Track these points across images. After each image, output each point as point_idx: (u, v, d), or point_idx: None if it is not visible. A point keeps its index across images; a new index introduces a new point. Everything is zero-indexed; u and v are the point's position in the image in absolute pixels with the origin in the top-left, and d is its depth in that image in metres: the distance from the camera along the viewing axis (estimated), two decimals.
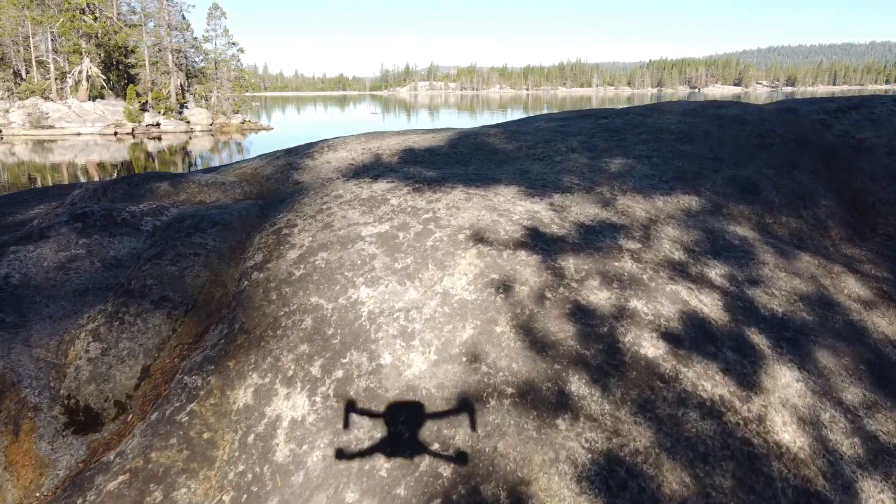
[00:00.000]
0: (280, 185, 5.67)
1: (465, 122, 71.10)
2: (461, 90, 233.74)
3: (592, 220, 4.16)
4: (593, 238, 3.89)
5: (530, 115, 7.35)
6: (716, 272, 3.77)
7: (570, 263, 3.58)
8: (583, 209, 4.32)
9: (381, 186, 4.90)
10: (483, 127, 6.70)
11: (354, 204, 4.63)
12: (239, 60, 54.30)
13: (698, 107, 6.66)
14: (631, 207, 4.45)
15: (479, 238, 3.84)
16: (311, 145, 6.57)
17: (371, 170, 5.41)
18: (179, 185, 6.20)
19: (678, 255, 3.89)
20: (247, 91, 58.30)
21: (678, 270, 3.69)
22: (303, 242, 4.25)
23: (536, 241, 3.81)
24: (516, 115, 79.86)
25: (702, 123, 6.05)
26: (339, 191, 4.97)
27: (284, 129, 63.00)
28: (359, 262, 3.85)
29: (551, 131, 6.24)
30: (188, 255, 4.52)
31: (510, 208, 4.27)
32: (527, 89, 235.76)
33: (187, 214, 5.40)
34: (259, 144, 48.59)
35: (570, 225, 4.05)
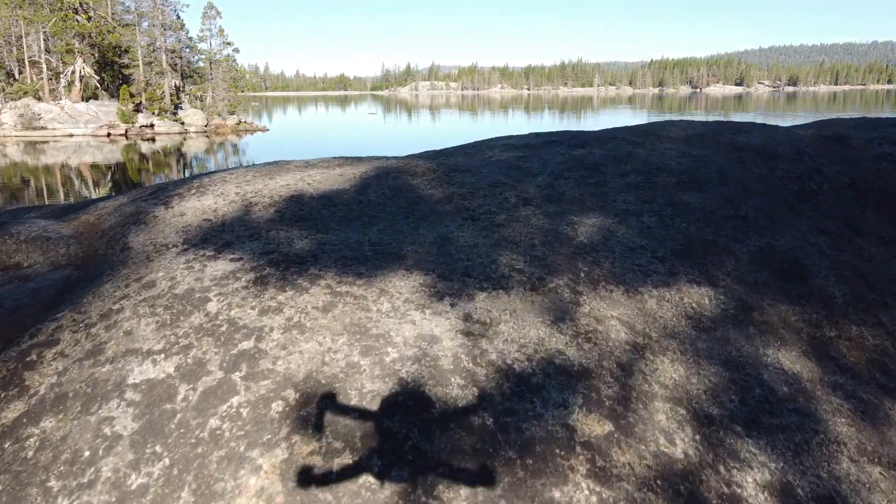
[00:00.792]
0: (109, 249, 3.83)
1: (463, 122, 69.11)
2: (462, 90, 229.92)
3: (529, 359, 2.30)
4: (524, 412, 2.05)
5: (488, 138, 5.52)
6: (756, 477, 1.92)
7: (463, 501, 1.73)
8: (518, 331, 2.47)
9: (216, 268, 3.06)
10: (413, 158, 4.81)
11: (159, 305, 2.79)
12: (234, 60, 52.35)
13: (708, 131, 4.78)
14: (602, 323, 2.59)
15: (304, 416, 2.00)
16: (183, 182, 4.72)
17: (226, 232, 3.57)
18: None
19: (683, 445, 2.03)
20: (243, 91, 56.35)
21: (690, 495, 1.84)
22: (39, 387, 2.44)
23: (412, 423, 1.97)
24: (517, 115, 77.77)
25: (714, 158, 4.18)
26: (160, 273, 3.13)
27: (281, 129, 61.13)
28: (87, 453, 2.03)
29: (504, 167, 4.37)
30: None
31: (392, 329, 2.43)
32: (528, 89, 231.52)
33: None
34: (254, 146, 46.91)
35: (486, 375, 2.20)
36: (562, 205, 3.67)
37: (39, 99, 48.31)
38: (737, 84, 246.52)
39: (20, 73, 50.37)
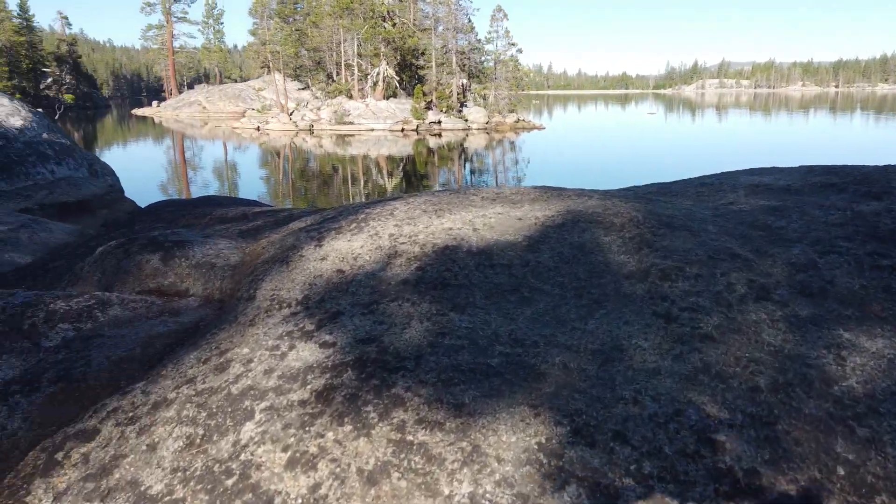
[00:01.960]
0: (244, 293, 3.30)
1: (752, 123, 62.00)
2: (755, 88, 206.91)
3: None
4: None
5: (736, 170, 3.98)
6: None
7: None
8: None
9: (297, 358, 2.27)
10: (620, 199, 3.52)
11: (207, 408, 2.09)
12: (517, 60, 53.01)
13: None
14: None
15: None
16: (355, 210, 4.07)
17: (347, 294, 2.78)
18: (170, 263, 4.20)
19: None
20: (524, 90, 56.98)
21: None
22: None
23: None
24: (821, 114, 67.89)
25: None
26: (244, 349, 2.45)
27: (556, 128, 60.68)
28: None
29: (742, 224, 2.96)
30: None
31: None
32: (836, 86, 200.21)
33: (87, 334, 3.37)
34: (528, 143, 47.22)
35: None
36: (825, 306, 2.21)
37: (350, 97, 54.00)
38: None
39: (337, 74, 56.86)
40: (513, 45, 52.68)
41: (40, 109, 19.28)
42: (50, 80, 77.68)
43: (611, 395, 1.87)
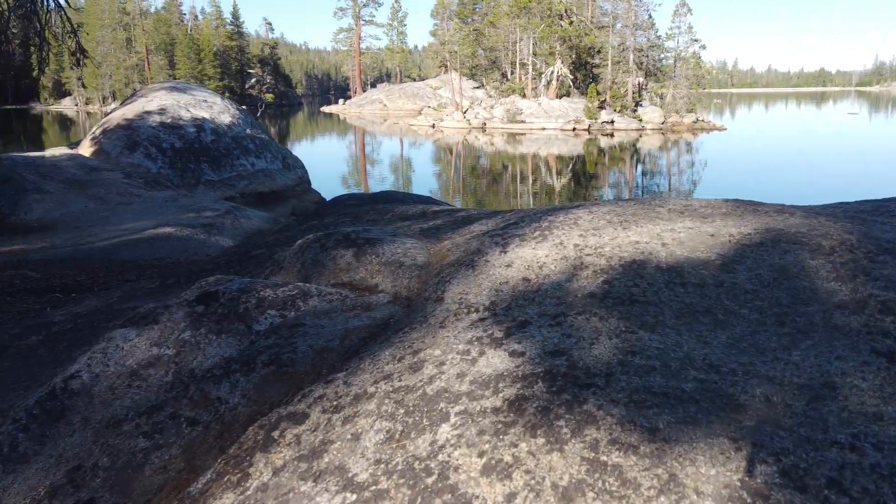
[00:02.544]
0: (431, 294, 3.48)
1: None
2: None
3: None
4: None
5: None
6: None
7: None
8: None
9: (487, 365, 2.35)
10: (827, 218, 3.22)
11: (404, 405, 2.25)
12: (699, 57, 50.19)
13: None
14: None
15: None
16: (537, 216, 4.11)
17: (533, 303, 2.82)
18: (362, 259, 4.52)
19: None
20: (704, 89, 53.86)
21: None
22: (251, 483, 2.11)
23: None
24: None
25: None
26: (436, 351, 2.60)
27: (740, 129, 56.66)
28: None
29: None
30: (177, 431, 2.77)
31: None
32: None
33: (291, 322, 3.71)
34: (706, 146, 44.69)
35: None
36: None
37: (523, 96, 54.26)
38: None
39: (511, 73, 57.40)
40: (695, 41, 50.06)
41: (244, 107, 21.37)
42: (254, 80, 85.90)
43: (822, 438, 1.75)
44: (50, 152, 15.04)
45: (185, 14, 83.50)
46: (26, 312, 5.86)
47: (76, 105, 79.38)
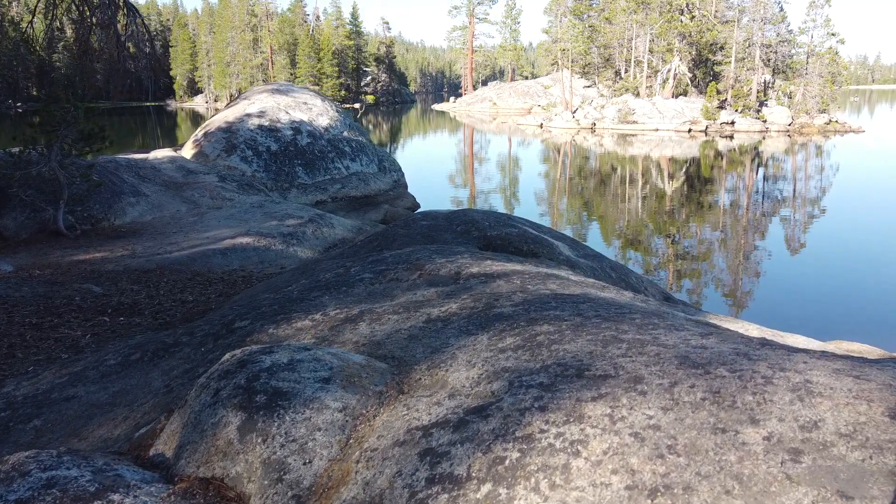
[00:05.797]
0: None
1: None
2: None
3: None
4: None
5: None
6: None
7: None
8: None
9: None
10: None
11: None
12: (836, 52, 45.39)
13: None
14: None
15: None
16: (524, 413, 3.02)
17: None
18: (246, 441, 3.65)
19: None
20: (840, 87, 48.91)
21: None
22: None
23: None
24: None
25: None
26: None
27: (880, 132, 51.04)
28: None
29: None
30: None
31: None
32: None
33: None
34: (839, 151, 40.46)
35: None
36: None
37: (637, 95, 51.66)
38: None
39: (626, 71, 54.82)
40: (833, 34, 45.43)
41: (348, 106, 21.14)
42: (369, 77, 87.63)
43: None
44: (153, 154, 15.27)
45: (308, 15, 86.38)
46: (49, 354, 5.52)
47: (206, 102, 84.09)
